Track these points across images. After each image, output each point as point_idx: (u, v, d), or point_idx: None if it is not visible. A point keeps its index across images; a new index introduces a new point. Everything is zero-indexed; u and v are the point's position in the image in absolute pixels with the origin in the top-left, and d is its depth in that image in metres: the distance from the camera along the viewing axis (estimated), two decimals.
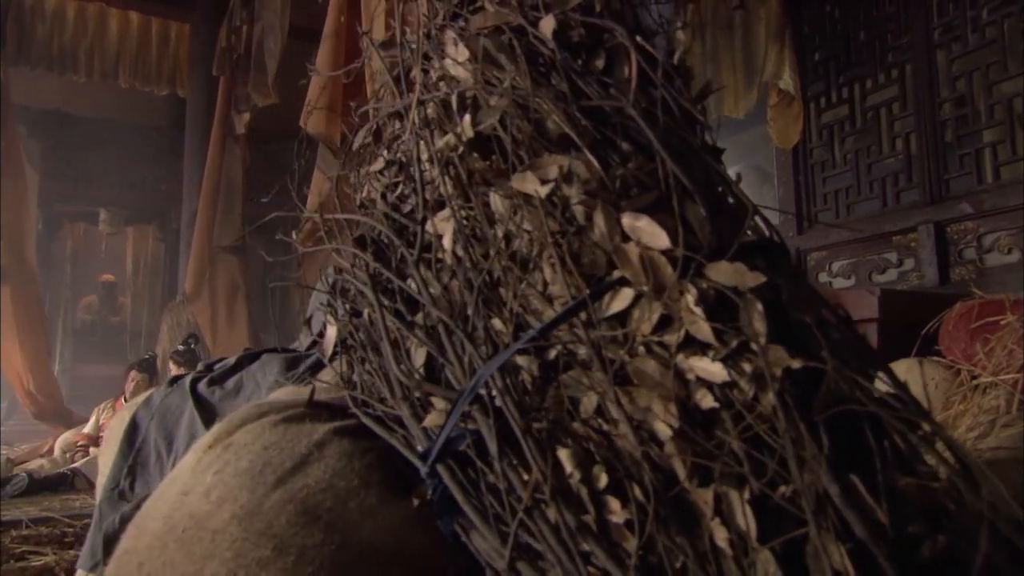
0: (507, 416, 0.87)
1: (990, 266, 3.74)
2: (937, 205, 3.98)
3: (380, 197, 1.26)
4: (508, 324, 0.92)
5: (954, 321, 2.82)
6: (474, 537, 0.92)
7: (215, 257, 7.05)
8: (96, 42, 7.55)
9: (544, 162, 0.89)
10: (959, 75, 4.02)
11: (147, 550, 1.04)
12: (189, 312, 7.12)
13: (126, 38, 7.73)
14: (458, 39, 1.06)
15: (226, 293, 7.07)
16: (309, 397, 1.17)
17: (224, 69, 7.05)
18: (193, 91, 7.71)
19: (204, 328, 6.94)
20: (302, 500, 1.00)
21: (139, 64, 7.78)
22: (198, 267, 7.03)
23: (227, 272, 7.09)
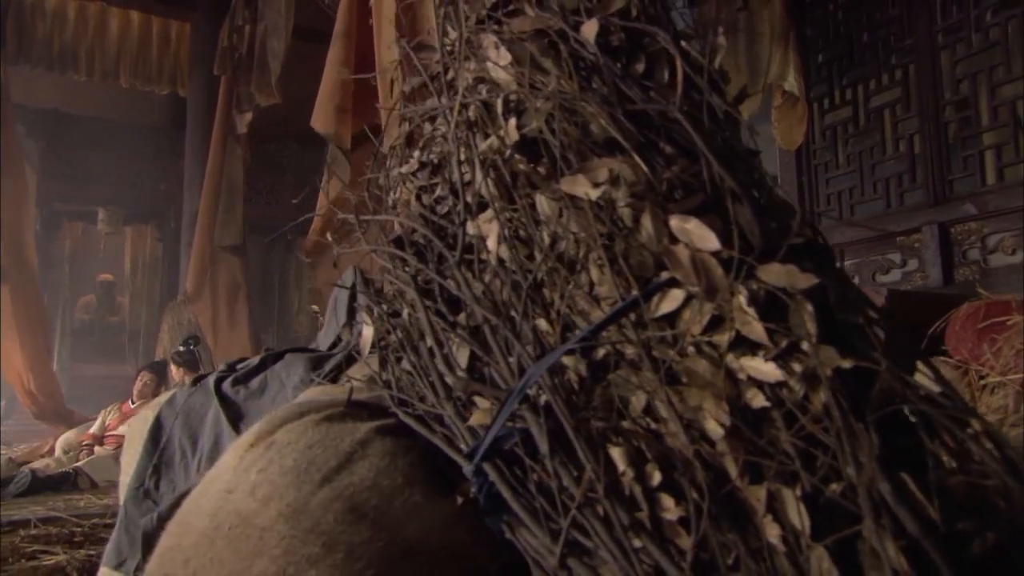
0: (557, 415, 0.89)
1: (994, 267, 3.77)
2: (941, 206, 4.01)
3: (415, 199, 1.27)
4: (555, 324, 0.93)
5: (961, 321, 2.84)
6: (523, 534, 0.93)
7: (216, 257, 7.04)
8: (97, 41, 7.55)
9: (593, 165, 0.90)
10: (963, 77, 4.05)
11: (193, 547, 1.06)
12: (190, 312, 7.11)
13: (127, 37, 7.73)
14: (499, 43, 1.08)
15: (227, 293, 7.06)
16: (348, 396, 1.18)
17: (225, 68, 7.04)
18: (194, 91, 7.70)
19: (205, 328, 6.94)
20: (348, 498, 1.01)
21: (140, 63, 7.78)
22: (199, 267, 7.03)
23: (228, 272, 7.09)
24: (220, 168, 7.02)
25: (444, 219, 1.19)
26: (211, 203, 7.03)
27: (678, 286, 0.86)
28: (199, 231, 7.07)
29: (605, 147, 0.95)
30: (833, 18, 4.75)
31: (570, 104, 0.95)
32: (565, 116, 0.97)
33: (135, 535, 1.70)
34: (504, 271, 1.03)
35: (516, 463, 0.97)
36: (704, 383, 0.83)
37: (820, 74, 4.77)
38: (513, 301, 0.99)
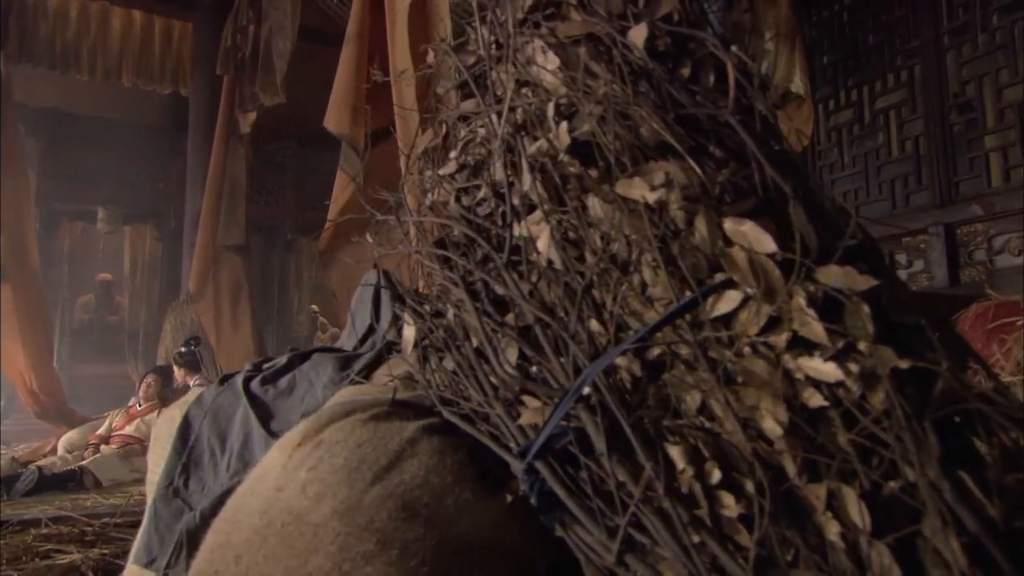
0: (613, 414, 0.90)
1: (1000, 268, 3.80)
2: (947, 207, 4.04)
3: (454, 200, 1.29)
4: (609, 325, 0.95)
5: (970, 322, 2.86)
6: (577, 532, 0.95)
7: (219, 257, 7.05)
8: (99, 41, 7.55)
9: (649, 168, 0.92)
10: (969, 79, 4.08)
11: (245, 544, 1.07)
12: (192, 312, 7.12)
13: (129, 37, 7.73)
14: (546, 47, 1.09)
15: (230, 293, 7.07)
16: (392, 396, 1.20)
17: (228, 68, 7.04)
18: (196, 90, 7.71)
19: (208, 328, 6.95)
20: (400, 496, 1.03)
21: (142, 63, 7.78)
22: (202, 267, 7.03)
23: (231, 272, 7.09)
24: (223, 168, 7.02)
25: (487, 220, 1.20)
26: (214, 203, 7.04)
27: (734, 287, 0.88)
28: (202, 231, 7.07)
29: (657, 151, 0.97)
30: (839, 19, 4.78)
31: (622, 108, 0.97)
32: (618, 120, 0.98)
33: (165, 533, 1.71)
34: (552, 272, 1.04)
35: (568, 461, 0.98)
36: (761, 383, 0.85)
37: (825, 75, 4.80)
38: (563, 302, 1.01)
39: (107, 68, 7.58)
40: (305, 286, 11.98)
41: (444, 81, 1.45)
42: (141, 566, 1.72)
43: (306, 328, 11.91)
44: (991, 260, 3.84)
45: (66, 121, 9.73)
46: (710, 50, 1.05)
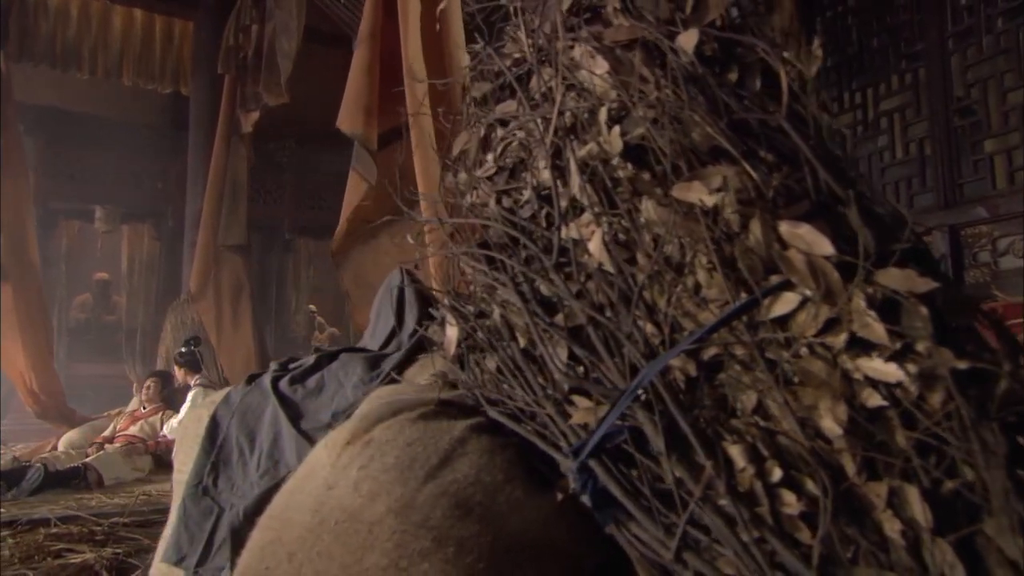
0: (671, 413, 0.92)
1: (1005, 269, 3.83)
2: (952, 209, 4.06)
3: (495, 202, 1.30)
4: (664, 326, 0.96)
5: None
6: (632, 530, 0.96)
7: (220, 256, 7.05)
8: (100, 39, 7.54)
9: (707, 172, 0.94)
10: (973, 82, 4.11)
11: (297, 541, 1.08)
12: (193, 311, 7.11)
13: (130, 35, 7.73)
14: (594, 51, 1.11)
15: (231, 292, 7.07)
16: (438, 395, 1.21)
17: (229, 68, 7.04)
18: (196, 90, 7.71)
19: (209, 327, 6.94)
20: (454, 494, 1.04)
21: (143, 62, 7.78)
22: (203, 266, 7.03)
23: (232, 271, 7.09)
24: (224, 167, 7.02)
25: (530, 222, 1.22)
26: (215, 203, 7.04)
27: (791, 289, 0.89)
28: (203, 230, 7.07)
29: (709, 155, 0.98)
30: (843, 22, 4.80)
31: (675, 113, 0.98)
32: (672, 124, 1.00)
33: (195, 531, 1.72)
34: (602, 274, 1.06)
35: (620, 460, 1.00)
36: (819, 383, 0.87)
37: (829, 77, 4.83)
38: (615, 303, 1.02)
39: (108, 67, 7.58)
40: (303, 286, 11.98)
41: (480, 84, 1.46)
42: (171, 564, 1.73)
43: (304, 328, 11.90)
44: (995, 262, 3.87)
45: (64, 120, 9.70)
46: (756, 55, 1.07)
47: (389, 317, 2.00)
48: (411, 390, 1.44)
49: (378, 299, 2.10)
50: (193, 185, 7.55)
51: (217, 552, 1.69)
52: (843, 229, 0.93)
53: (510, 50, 1.46)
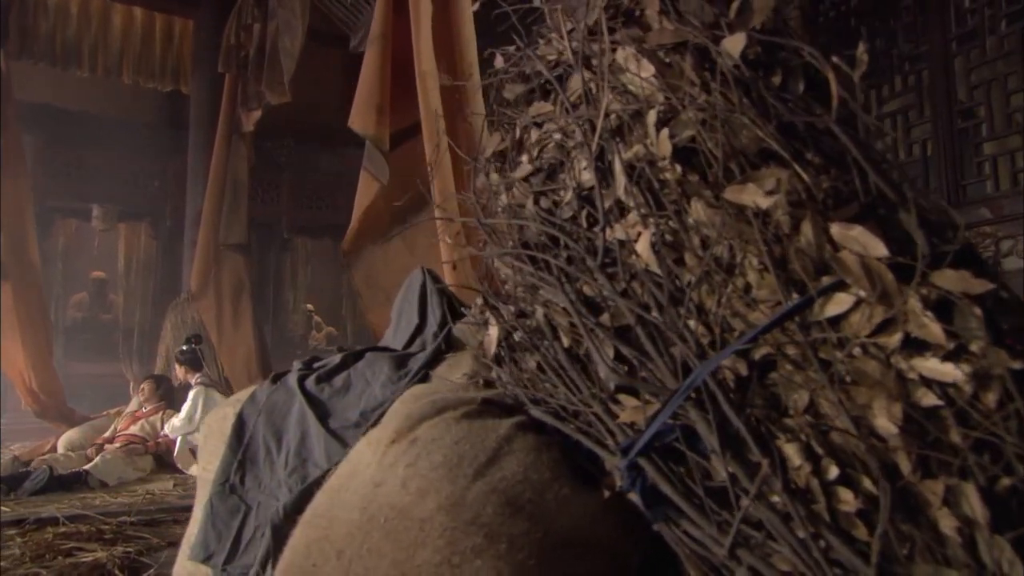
0: (722, 412, 0.93)
1: (1008, 270, 3.85)
2: (955, 210, 4.08)
3: (532, 203, 1.31)
4: (714, 326, 0.98)
5: None
6: (684, 527, 0.98)
7: (220, 255, 7.03)
8: (100, 38, 7.52)
9: (760, 175, 0.95)
10: (977, 84, 4.13)
11: (346, 538, 1.09)
12: (193, 310, 7.10)
13: (130, 34, 7.71)
14: (639, 55, 1.12)
15: (231, 291, 7.05)
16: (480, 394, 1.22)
17: (230, 66, 7.03)
18: (196, 88, 7.69)
19: (209, 326, 6.93)
20: (503, 491, 1.05)
21: (143, 60, 7.77)
22: (203, 265, 7.01)
23: (232, 270, 7.08)
24: (225, 166, 7.01)
25: (571, 222, 1.23)
26: (215, 201, 7.02)
27: (844, 290, 0.91)
28: (203, 229, 7.05)
29: (758, 157, 1.00)
30: (846, 23, 4.83)
31: (725, 116, 1.00)
32: (725, 127, 1.01)
33: (222, 529, 1.73)
34: (648, 274, 1.07)
35: (669, 458, 1.01)
36: (873, 383, 0.88)
37: None
38: (662, 303, 1.04)
39: (108, 65, 7.56)
40: (300, 285, 11.97)
41: (513, 86, 1.48)
42: (198, 562, 1.73)
43: (301, 327, 11.90)
44: (999, 263, 3.89)
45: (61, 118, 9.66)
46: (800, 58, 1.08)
47: (412, 316, 2.01)
48: (446, 389, 1.46)
49: (399, 299, 2.11)
50: (193, 184, 7.53)
51: (245, 550, 1.70)
52: (891, 231, 0.94)
53: (543, 52, 1.47)
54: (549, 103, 1.43)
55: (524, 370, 1.27)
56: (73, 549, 3.07)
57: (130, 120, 10.08)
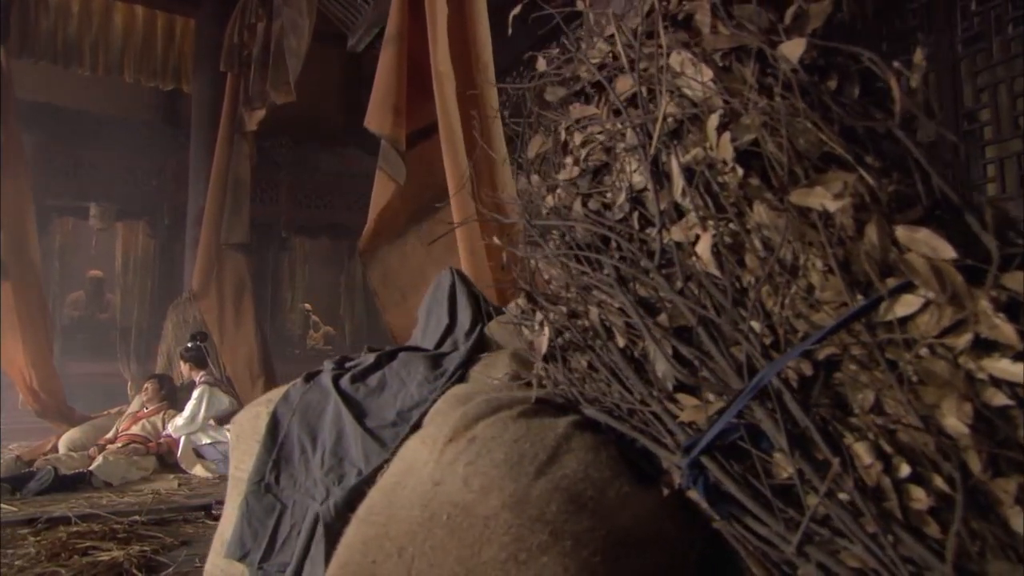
0: (789, 411, 0.95)
1: None
2: None
3: (580, 204, 1.33)
4: (778, 327, 0.99)
5: None
6: (748, 524, 0.99)
7: (222, 255, 7.03)
8: (101, 36, 7.51)
9: (827, 178, 0.97)
10: (983, 87, 4.16)
11: (407, 536, 1.10)
12: (195, 309, 7.09)
13: (131, 32, 7.69)
14: (695, 59, 1.14)
15: (233, 291, 7.05)
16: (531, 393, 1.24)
17: (232, 65, 7.03)
18: (198, 87, 7.69)
19: (211, 325, 6.92)
20: (566, 489, 1.07)
21: (144, 59, 7.75)
22: (205, 264, 7.01)
23: (234, 269, 7.08)
24: (227, 166, 7.00)
25: (621, 224, 1.25)
26: (217, 200, 7.02)
27: (911, 292, 0.92)
28: (205, 228, 7.05)
29: (821, 160, 1.01)
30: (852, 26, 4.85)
31: (788, 120, 1.01)
32: (790, 130, 1.03)
33: (258, 528, 1.74)
34: (707, 276, 1.08)
35: (731, 456, 1.03)
36: (942, 383, 0.90)
37: None
38: (722, 304, 1.05)
39: (109, 64, 7.55)
40: (298, 284, 11.96)
41: (555, 88, 1.49)
42: (234, 560, 1.74)
43: (299, 327, 11.90)
44: None
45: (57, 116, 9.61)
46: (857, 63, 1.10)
47: (442, 316, 2.02)
48: (490, 388, 1.47)
49: (428, 299, 2.12)
50: (195, 183, 7.52)
51: (281, 548, 1.71)
52: (953, 233, 0.96)
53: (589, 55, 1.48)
54: (592, 106, 1.45)
55: (574, 370, 1.29)
56: (89, 548, 3.07)
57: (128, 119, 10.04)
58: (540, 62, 1.51)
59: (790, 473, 0.97)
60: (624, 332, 1.17)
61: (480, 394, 1.41)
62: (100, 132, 9.80)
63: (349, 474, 1.65)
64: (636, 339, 1.17)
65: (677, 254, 1.12)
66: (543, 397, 1.28)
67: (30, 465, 5.43)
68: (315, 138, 11.04)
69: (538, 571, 1.00)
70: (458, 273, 2.11)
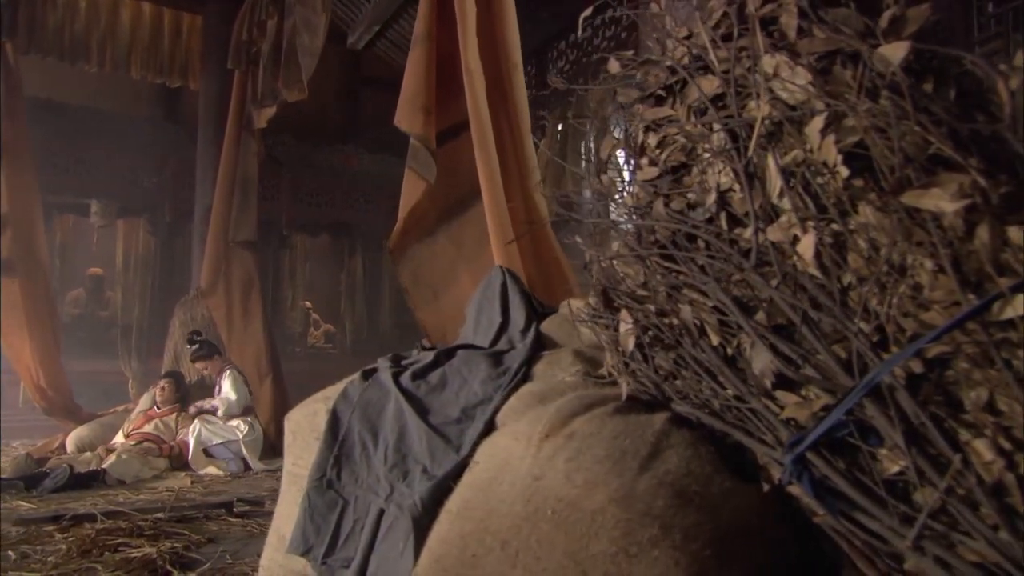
0: (901, 408, 0.97)
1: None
2: None
3: (662, 205, 1.35)
4: (888, 326, 1.01)
5: None
6: (858, 520, 1.01)
7: (230, 252, 7.03)
8: (108, 33, 7.49)
9: (942, 180, 0.99)
10: None
11: (511, 530, 1.12)
12: (202, 307, 7.09)
13: (138, 29, 7.68)
14: (791, 62, 1.15)
15: (241, 288, 7.04)
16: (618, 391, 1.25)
17: (239, 63, 7.02)
18: (206, 85, 7.68)
19: (220, 323, 6.92)
20: (671, 484, 1.09)
21: (151, 56, 7.73)
22: (213, 262, 7.00)
23: (242, 267, 7.07)
24: (234, 163, 7.00)
25: (707, 224, 1.26)
26: (225, 198, 7.01)
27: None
28: (213, 226, 7.04)
29: (928, 162, 1.03)
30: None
31: (894, 122, 1.03)
32: (880, 133, 1.05)
33: (320, 523, 1.76)
34: (808, 276, 1.10)
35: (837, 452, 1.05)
36: None
37: None
38: (827, 303, 1.07)
39: (116, 60, 7.53)
40: (299, 282, 11.93)
41: (629, 91, 1.51)
42: (298, 555, 1.76)
43: (300, 324, 11.88)
44: None
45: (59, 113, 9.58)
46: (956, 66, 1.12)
47: (493, 315, 2.04)
48: (562, 386, 1.49)
49: (478, 297, 2.14)
50: (202, 181, 7.52)
51: (344, 543, 1.72)
52: None
53: (659, 57, 1.50)
54: (667, 107, 1.47)
55: (658, 367, 1.30)
56: (119, 545, 3.07)
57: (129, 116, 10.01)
58: (613, 64, 1.52)
59: (900, 468, 0.99)
60: (717, 330, 1.19)
61: (556, 392, 1.43)
62: (101, 129, 9.76)
63: (413, 470, 1.67)
64: (730, 337, 1.19)
65: (774, 254, 1.14)
66: (632, 394, 1.30)
67: (40, 463, 5.43)
68: (316, 136, 11.04)
69: (649, 564, 1.02)
70: (509, 272, 2.12)
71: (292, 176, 11.18)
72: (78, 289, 11.02)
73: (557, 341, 1.86)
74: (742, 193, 1.24)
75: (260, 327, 7.01)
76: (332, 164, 11.30)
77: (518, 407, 1.49)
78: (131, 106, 10.06)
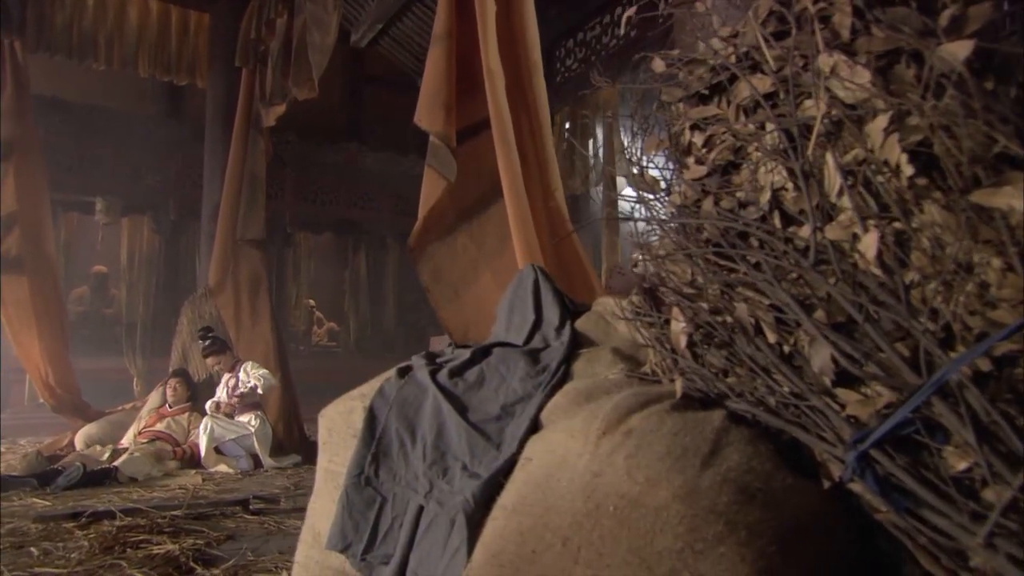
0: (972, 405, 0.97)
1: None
2: None
3: (712, 203, 1.35)
4: (954, 323, 1.02)
5: None
6: (926, 517, 1.02)
7: (238, 250, 7.03)
8: (116, 30, 7.48)
9: (1014, 178, 0.99)
10: None
11: (572, 527, 1.12)
12: (210, 305, 7.09)
13: (146, 27, 7.67)
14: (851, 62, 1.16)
15: (249, 286, 7.04)
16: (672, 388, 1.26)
17: (247, 61, 7.03)
18: (213, 83, 7.68)
19: (228, 321, 6.92)
20: (734, 480, 1.09)
21: (158, 54, 7.73)
22: (222, 260, 7.00)
23: (250, 265, 7.07)
24: (242, 161, 7.00)
25: (760, 223, 1.27)
26: (233, 196, 7.02)
27: None
28: (221, 224, 7.04)
29: (995, 160, 1.04)
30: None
31: (961, 121, 1.04)
32: (945, 132, 1.05)
33: (359, 520, 1.76)
34: (865, 274, 1.11)
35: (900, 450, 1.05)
36: None
37: None
38: (891, 302, 1.07)
39: (123, 58, 7.53)
40: (303, 280, 11.93)
41: (673, 90, 1.51)
42: (336, 551, 1.76)
43: (303, 322, 11.89)
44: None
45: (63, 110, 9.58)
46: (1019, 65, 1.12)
47: (526, 313, 2.04)
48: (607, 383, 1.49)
49: (509, 295, 2.14)
50: (210, 179, 7.52)
51: (383, 540, 1.72)
52: None
53: (703, 55, 1.51)
54: (713, 106, 1.47)
55: (708, 365, 1.31)
56: (140, 542, 3.07)
57: (134, 113, 10.02)
58: (657, 63, 1.53)
59: (967, 466, 0.99)
60: (774, 327, 1.19)
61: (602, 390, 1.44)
62: (105, 126, 9.77)
63: (453, 467, 1.67)
64: (786, 335, 1.19)
65: (832, 252, 1.14)
66: (686, 391, 1.30)
67: (51, 461, 5.44)
68: (319, 134, 11.05)
69: (715, 560, 1.02)
70: (541, 270, 2.13)
71: (296, 174, 11.19)
72: (82, 287, 11.01)
73: (592, 339, 1.86)
74: (795, 192, 1.25)
75: (268, 325, 7.00)
76: (335, 162, 11.32)
77: (564, 404, 1.49)
78: (135, 104, 10.08)
